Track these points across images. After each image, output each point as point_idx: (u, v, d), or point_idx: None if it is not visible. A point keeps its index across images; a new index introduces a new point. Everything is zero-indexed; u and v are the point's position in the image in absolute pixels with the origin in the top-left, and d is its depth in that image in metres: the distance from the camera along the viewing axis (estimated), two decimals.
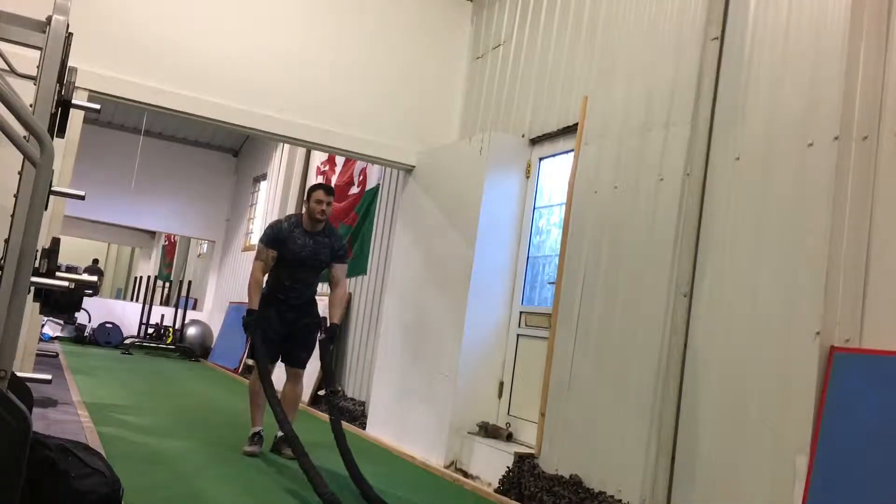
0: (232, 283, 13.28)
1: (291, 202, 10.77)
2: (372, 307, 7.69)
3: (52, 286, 2.37)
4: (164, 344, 12.82)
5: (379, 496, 3.85)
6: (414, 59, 6.49)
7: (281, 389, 5.12)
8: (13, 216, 2.20)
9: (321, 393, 7.74)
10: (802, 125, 3.34)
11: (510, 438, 5.03)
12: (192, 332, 12.92)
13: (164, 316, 13.61)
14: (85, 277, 2.50)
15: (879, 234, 3.04)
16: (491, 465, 4.79)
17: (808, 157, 3.28)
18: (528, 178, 5.51)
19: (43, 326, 10.34)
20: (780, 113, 3.48)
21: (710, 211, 3.74)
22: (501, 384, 5.31)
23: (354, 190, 8.79)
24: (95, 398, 6.35)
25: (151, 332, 13.29)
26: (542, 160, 5.47)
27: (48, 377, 2.83)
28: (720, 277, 3.61)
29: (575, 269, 4.55)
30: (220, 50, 5.77)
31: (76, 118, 5.18)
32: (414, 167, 6.47)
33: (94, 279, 2.60)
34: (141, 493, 3.46)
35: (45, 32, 2.48)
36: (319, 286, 5.30)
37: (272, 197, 11.83)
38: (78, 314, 10.95)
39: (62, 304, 2.70)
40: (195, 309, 14.58)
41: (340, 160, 9.36)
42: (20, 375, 2.61)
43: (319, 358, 4.95)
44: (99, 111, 3.05)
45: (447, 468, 5.12)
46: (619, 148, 4.43)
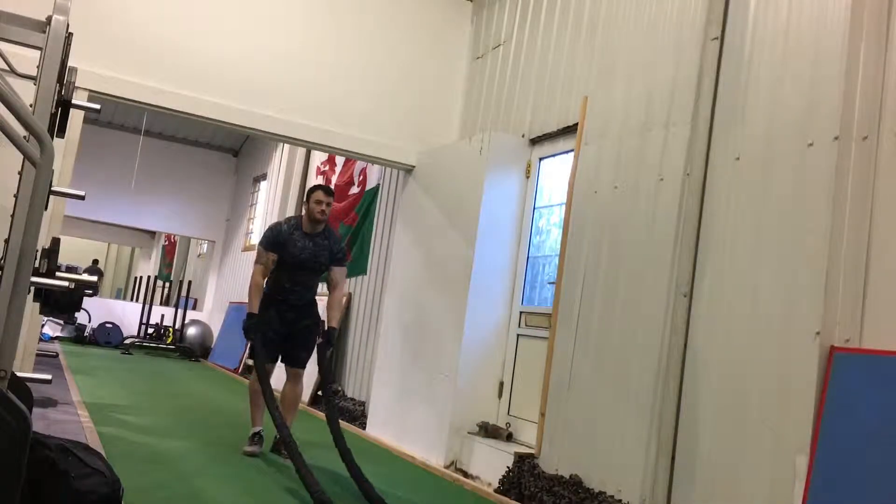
0: (232, 283, 13.28)
1: (291, 202, 10.76)
2: (372, 307, 7.69)
3: (52, 286, 2.37)
4: (164, 344, 12.81)
5: (380, 496, 3.85)
6: (414, 58, 6.49)
7: (281, 389, 5.13)
8: (13, 216, 2.20)
9: (321, 393, 7.74)
10: (802, 125, 3.34)
11: (510, 438, 5.03)
12: (192, 332, 12.92)
13: (164, 316, 13.62)
14: (85, 277, 2.51)
15: (879, 234, 3.04)
16: (491, 465, 4.79)
17: (808, 157, 3.28)
18: (528, 178, 5.51)
19: (43, 326, 10.34)
20: (780, 113, 3.48)
21: (710, 211, 3.74)
22: (501, 384, 5.31)
23: (354, 190, 8.79)
24: (95, 398, 6.35)
25: (151, 332, 13.29)
26: (542, 160, 5.47)
27: (48, 377, 2.83)
28: (720, 277, 3.61)
29: (575, 269, 4.55)
30: (220, 50, 5.77)
31: (76, 118, 5.18)
32: (414, 167, 6.47)
33: (94, 279, 2.60)
34: (141, 493, 3.46)
35: (45, 32, 2.48)
36: (319, 286, 5.30)
37: (272, 197, 11.83)
38: (78, 314, 10.94)
39: (62, 304, 2.70)
40: (195, 309, 14.58)
41: (340, 160, 9.36)
42: (20, 375, 2.62)
43: (317, 363, 4.95)
44: (99, 111, 3.05)
45: (447, 468, 5.12)
46: (619, 148, 4.43)
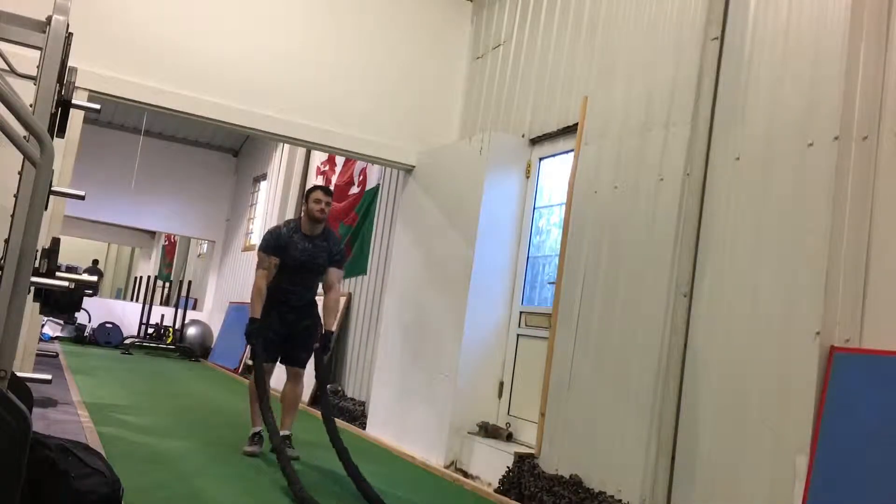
0: (232, 283, 13.29)
1: (291, 202, 10.77)
2: (372, 307, 7.69)
3: (52, 286, 2.37)
4: (164, 344, 12.82)
5: (378, 495, 3.85)
6: (414, 58, 6.49)
7: (281, 389, 5.13)
8: (13, 216, 2.20)
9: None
10: (802, 125, 3.34)
11: (510, 438, 5.03)
12: (192, 332, 12.92)
13: (164, 316, 13.62)
14: (85, 277, 2.51)
15: (879, 234, 3.04)
16: (491, 465, 4.79)
17: (808, 157, 3.28)
18: (528, 178, 5.51)
19: (43, 326, 10.35)
20: (780, 113, 3.48)
21: (710, 211, 3.74)
22: (501, 384, 5.31)
23: (354, 190, 8.79)
24: (95, 398, 6.35)
25: (151, 332, 13.29)
26: (542, 160, 5.47)
27: (48, 377, 2.83)
28: (720, 277, 3.61)
29: (575, 269, 4.55)
30: (220, 50, 5.77)
31: (76, 118, 5.18)
32: (414, 167, 6.47)
33: (93, 279, 2.60)
34: (141, 493, 3.46)
35: (45, 32, 2.48)
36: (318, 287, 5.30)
37: (272, 197, 11.83)
38: (78, 314, 10.95)
39: (62, 304, 2.70)
40: (195, 309, 14.58)
41: (340, 160, 9.36)
42: (20, 375, 2.62)
43: (314, 367, 4.95)
44: (99, 111, 3.05)
45: (447, 468, 5.12)
46: (619, 148, 4.43)
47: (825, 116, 3.24)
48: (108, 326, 12.80)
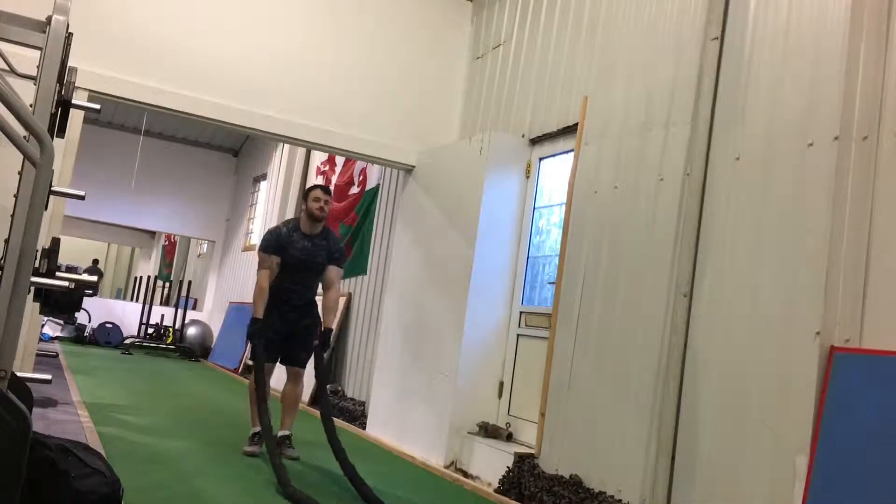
0: (232, 283, 13.29)
1: (291, 202, 10.77)
2: (372, 307, 7.69)
3: (52, 286, 2.37)
4: (164, 344, 12.82)
5: (376, 495, 3.85)
6: (414, 59, 6.49)
7: (281, 389, 5.13)
8: (13, 216, 2.20)
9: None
10: (802, 125, 3.34)
11: (510, 438, 5.03)
12: (192, 332, 12.92)
13: (164, 316, 13.62)
14: (85, 277, 2.51)
15: (879, 234, 3.04)
16: (491, 465, 4.79)
17: (808, 157, 3.28)
18: (528, 178, 5.51)
19: (43, 326, 10.35)
20: (780, 113, 3.48)
21: (710, 211, 3.74)
22: (501, 384, 5.31)
23: (354, 190, 8.79)
24: (95, 398, 6.35)
25: (151, 332, 13.29)
26: (542, 160, 5.47)
27: (48, 377, 2.83)
28: (720, 277, 3.61)
29: (575, 269, 4.55)
30: (220, 50, 5.77)
31: (76, 118, 5.18)
32: (414, 167, 6.47)
33: (93, 279, 2.60)
34: (141, 493, 3.46)
35: (45, 32, 2.48)
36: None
37: (272, 197, 11.83)
38: (78, 314, 10.95)
39: (62, 304, 2.70)
40: (195, 309, 14.58)
41: (340, 160, 9.36)
42: (20, 375, 2.62)
43: (314, 365, 4.95)
44: (99, 111, 3.05)
45: (447, 468, 5.12)
46: (619, 148, 4.43)
47: (825, 116, 3.24)
48: (108, 326, 12.80)
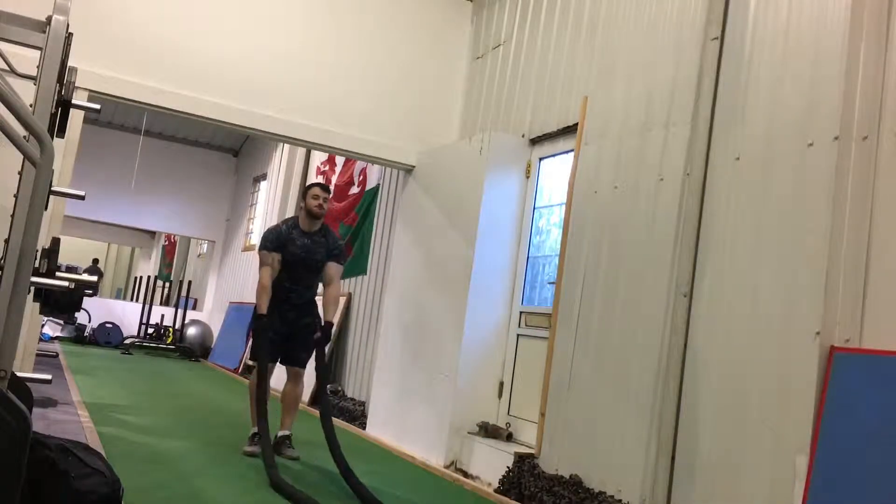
0: (232, 283, 13.28)
1: (291, 202, 10.76)
2: (372, 307, 7.69)
3: (52, 286, 2.37)
4: (164, 344, 12.81)
5: (375, 497, 3.85)
6: (414, 59, 6.49)
7: (281, 389, 5.13)
8: (13, 216, 2.20)
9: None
10: (802, 125, 3.34)
11: (510, 438, 5.03)
12: (192, 332, 12.92)
13: (164, 316, 13.62)
14: (85, 277, 2.51)
15: (879, 234, 3.04)
16: (491, 465, 4.79)
17: (808, 157, 3.28)
18: (528, 178, 5.51)
19: (43, 326, 10.34)
20: (780, 113, 3.48)
21: (710, 211, 3.74)
22: (501, 384, 5.31)
23: (354, 190, 8.79)
24: (95, 398, 6.35)
25: (151, 332, 13.29)
26: (542, 160, 5.47)
27: (48, 377, 2.83)
28: (720, 277, 3.61)
29: (575, 269, 4.55)
30: (220, 50, 5.77)
31: (76, 118, 5.18)
32: (414, 167, 6.47)
33: (94, 279, 2.60)
34: (141, 493, 3.46)
35: (45, 32, 2.48)
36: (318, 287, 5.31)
37: (272, 197, 11.83)
38: (78, 314, 10.95)
39: (62, 304, 2.70)
40: (195, 309, 14.58)
41: (340, 160, 9.36)
42: (20, 375, 2.61)
43: (315, 360, 4.95)
44: (99, 111, 3.05)
45: (447, 468, 5.12)
46: (619, 148, 4.43)
47: (825, 116, 3.24)
48: (108, 326, 12.80)
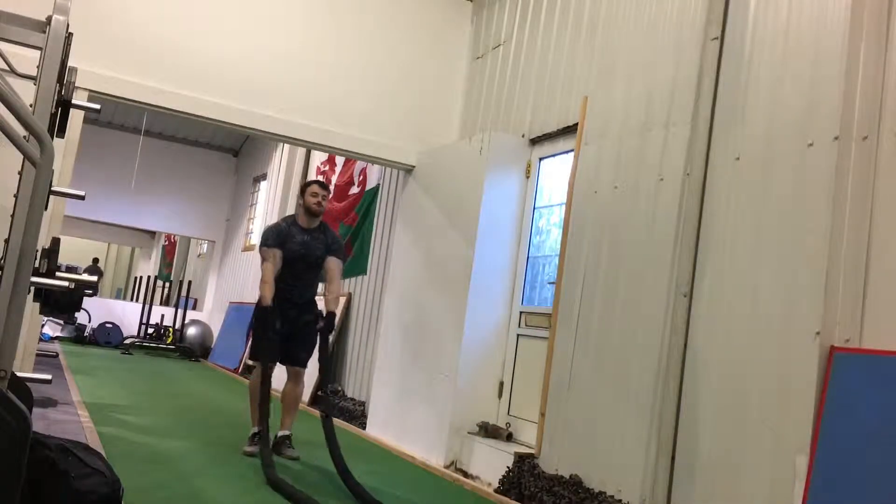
0: (232, 283, 13.28)
1: (291, 202, 10.76)
2: (372, 307, 7.69)
3: (52, 286, 2.37)
4: (164, 344, 12.81)
5: (374, 497, 3.85)
6: (414, 59, 6.49)
7: (282, 389, 5.13)
8: (13, 216, 2.20)
9: (321, 393, 7.73)
10: (802, 125, 3.34)
11: (510, 438, 5.03)
12: (192, 332, 12.92)
13: (164, 316, 13.61)
14: (85, 277, 2.51)
15: (879, 234, 3.04)
16: (491, 465, 4.79)
17: (808, 157, 3.28)
18: (528, 178, 5.51)
19: (43, 326, 10.34)
20: (780, 113, 3.48)
21: (710, 211, 3.74)
22: (501, 384, 5.31)
23: (354, 190, 8.79)
24: (95, 398, 6.35)
25: (151, 332, 13.29)
26: (542, 160, 5.47)
27: (48, 377, 2.83)
28: (720, 277, 3.61)
29: (575, 269, 4.55)
30: (220, 50, 5.77)
31: (76, 118, 5.18)
32: (414, 167, 6.47)
33: (94, 279, 2.60)
34: (141, 493, 3.46)
35: (45, 32, 2.48)
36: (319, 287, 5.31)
37: (272, 197, 11.83)
38: (78, 314, 10.95)
39: (62, 304, 2.70)
40: (195, 309, 14.58)
41: (340, 160, 9.36)
42: (20, 375, 2.61)
43: (318, 351, 4.93)
44: (99, 111, 3.05)
45: (447, 468, 5.12)
46: (619, 148, 4.43)
47: (825, 116, 3.24)
48: (108, 326, 12.80)
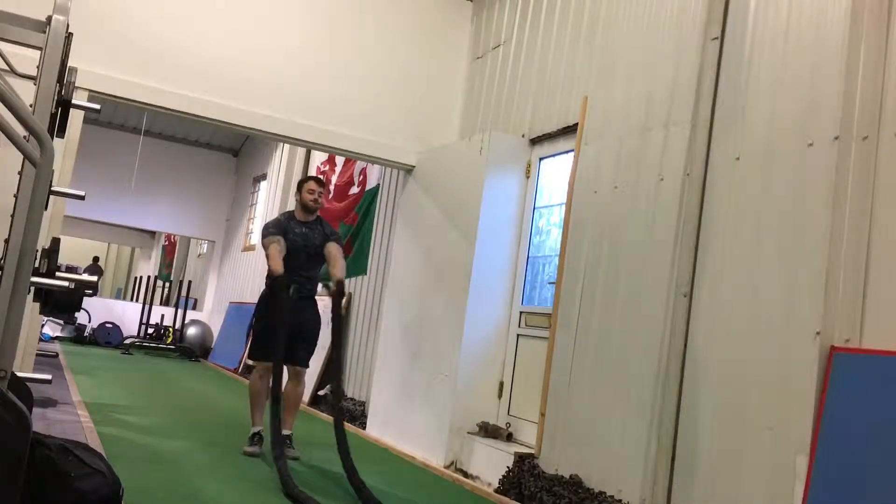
0: (232, 283, 13.28)
1: (291, 202, 10.69)
2: (372, 307, 7.69)
3: (52, 286, 2.37)
4: (164, 344, 12.81)
5: (376, 498, 3.85)
6: (414, 58, 6.48)
7: (283, 389, 5.12)
8: (13, 216, 2.20)
9: (321, 393, 7.74)
10: (802, 125, 3.34)
11: (510, 438, 5.03)
12: (192, 332, 12.92)
13: (164, 316, 13.61)
14: (85, 277, 2.51)
15: (879, 234, 3.04)
16: (491, 465, 4.79)
17: (808, 157, 3.28)
18: (528, 178, 5.51)
19: (43, 326, 10.34)
20: (780, 113, 3.48)
21: (710, 211, 3.74)
22: (501, 384, 5.31)
23: (354, 190, 8.78)
24: (95, 398, 6.35)
25: (151, 332, 13.28)
26: (542, 160, 5.47)
27: (48, 377, 2.83)
28: (720, 277, 3.61)
29: (575, 269, 4.55)
30: (220, 50, 5.77)
31: (76, 118, 5.18)
32: (414, 167, 6.47)
33: (94, 279, 2.60)
34: (141, 493, 3.46)
35: (45, 32, 2.48)
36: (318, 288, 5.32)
37: (272, 197, 11.83)
38: (78, 314, 10.95)
39: (62, 304, 2.70)
40: (195, 309, 14.57)
41: (340, 160, 9.36)
42: (20, 375, 2.62)
43: (332, 322, 4.87)
44: (99, 111, 3.05)
45: (447, 468, 5.12)
46: (619, 148, 4.43)
47: (825, 116, 3.24)
48: (108, 326, 12.80)
